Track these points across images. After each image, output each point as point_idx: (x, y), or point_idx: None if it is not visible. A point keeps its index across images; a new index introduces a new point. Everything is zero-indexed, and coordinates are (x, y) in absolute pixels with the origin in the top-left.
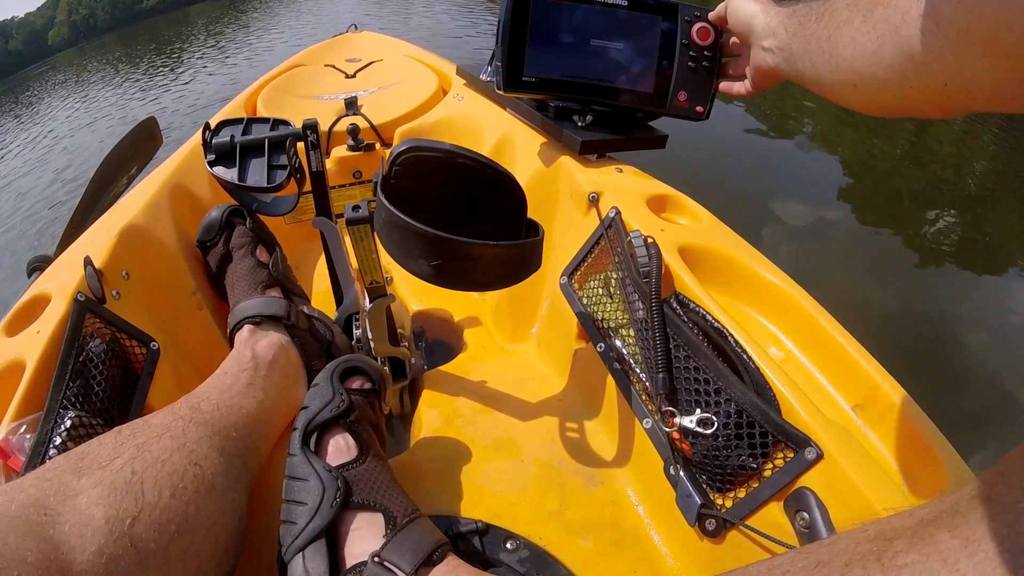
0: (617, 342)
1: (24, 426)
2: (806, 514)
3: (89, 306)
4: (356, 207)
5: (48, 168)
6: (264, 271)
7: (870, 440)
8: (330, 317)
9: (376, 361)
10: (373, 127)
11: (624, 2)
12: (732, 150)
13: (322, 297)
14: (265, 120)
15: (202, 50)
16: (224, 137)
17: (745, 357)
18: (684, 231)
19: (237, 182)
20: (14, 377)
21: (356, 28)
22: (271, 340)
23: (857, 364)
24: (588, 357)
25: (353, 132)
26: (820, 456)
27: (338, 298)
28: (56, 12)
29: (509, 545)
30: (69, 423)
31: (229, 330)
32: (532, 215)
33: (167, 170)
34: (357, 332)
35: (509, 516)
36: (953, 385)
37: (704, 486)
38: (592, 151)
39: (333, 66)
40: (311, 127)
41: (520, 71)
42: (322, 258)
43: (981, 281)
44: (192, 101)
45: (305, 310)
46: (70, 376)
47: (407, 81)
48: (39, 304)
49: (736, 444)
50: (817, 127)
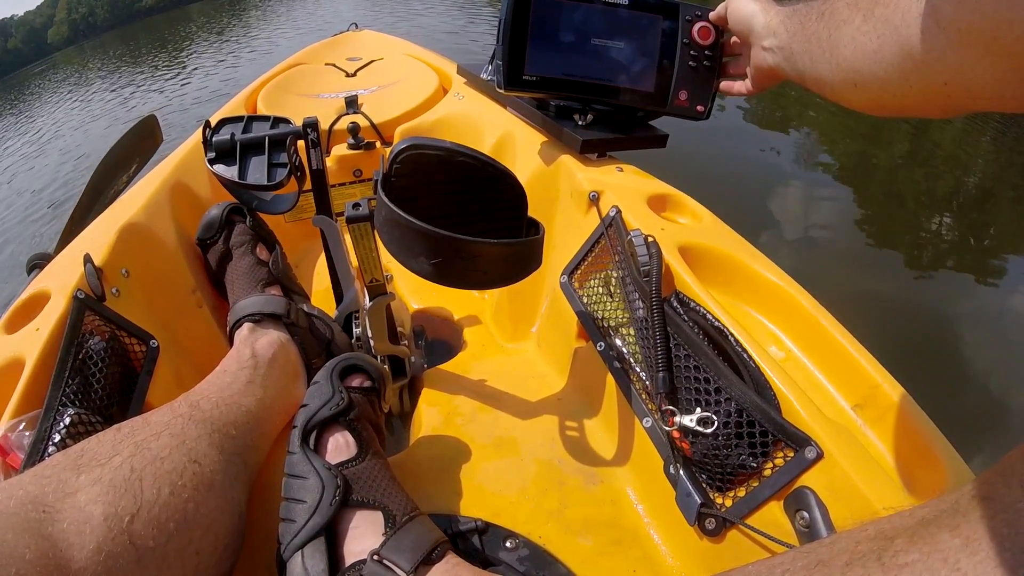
0: (617, 341)
1: (23, 423)
2: (806, 513)
3: (89, 304)
4: (356, 205)
5: (47, 165)
6: (264, 269)
7: (870, 439)
8: (330, 315)
9: (376, 359)
10: (373, 126)
11: (625, 1)
12: (732, 149)
13: (322, 295)
14: (266, 118)
15: (202, 48)
16: (224, 135)
17: (745, 356)
18: (684, 230)
19: (237, 180)
20: (13, 374)
21: (357, 27)
22: (271, 338)
23: (857, 363)
24: (588, 356)
25: (354, 131)
26: (820, 455)
27: (338, 296)
28: (55, 11)
29: (509, 544)
30: (68, 420)
31: (229, 328)
32: (532, 214)
33: (167, 168)
34: (357, 330)
35: (509, 515)
36: (953, 384)
37: (704, 485)
38: (593, 150)
39: (334, 64)
40: (311, 125)
41: (521, 70)
42: (322, 256)
43: (981, 280)
44: (192, 98)
45: (305, 308)
46: (69, 374)
47: (407, 80)
48: (39, 302)
49: (736, 443)
50: (817, 126)
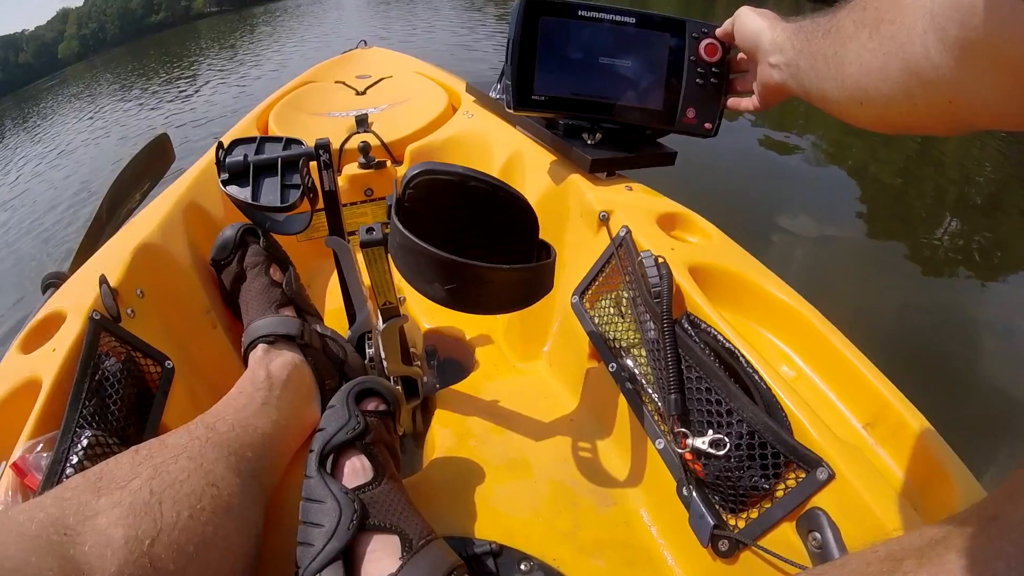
0: (629, 362)
1: (41, 444)
2: (818, 534)
3: (104, 325)
4: (370, 229)
5: (59, 181)
6: (278, 290)
7: (881, 459)
8: (343, 336)
9: (390, 382)
10: (384, 145)
11: (632, 19)
12: (739, 163)
13: (334, 315)
14: (278, 139)
15: (211, 64)
16: (237, 156)
17: (756, 377)
18: (694, 250)
19: (251, 201)
20: (30, 394)
21: (366, 44)
22: (285, 359)
23: (868, 382)
24: (600, 376)
25: (364, 150)
26: (832, 476)
27: (351, 316)
28: (66, 26)
29: (523, 566)
30: (86, 442)
31: (243, 349)
32: (543, 233)
33: (180, 188)
34: (370, 351)
35: (522, 536)
36: (965, 399)
37: (717, 506)
38: (602, 169)
39: (343, 83)
40: (324, 147)
41: (530, 90)
42: (334, 275)
43: (992, 290)
44: (202, 114)
45: (318, 329)
46: (86, 395)
47: (417, 98)
48: (54, 321)
49: (748, 465)
50: (824, 139)
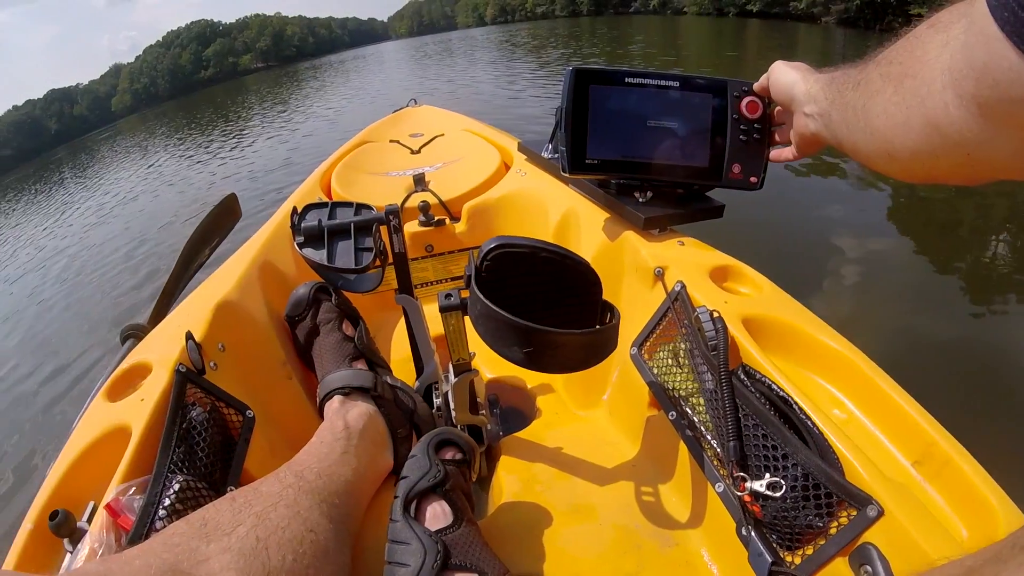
0: (687, 410)
1: (133, 488)
2: (869, 567)
3: (190, 377)
4: (448, 295)
5: (116, 231)
6: (350, 344)
7: (928, 494)
8: (411, 386)
9: (459, 430)
10: (442, 203)
11: (676, 83)
12: (783, 208)
13: (400, 364)
14: (348, 204)
15: (261, 117)
16: (312, 221)
17: (809, 423)
18: (747, 302)
19: (326, 264)
20: (118, 441)
21: (416, 102)
22: (360, 410)
23: (915, 421)
24: (660, 424)
25: (424, 209)
26: (881, 513)
27: (418, 367)
28: (119, 80)
29: None
30: (177, 486)
31: (319, 400)
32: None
33: (254, 247)
34: (437, 400)
35: None
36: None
37: (774, 545)
38: (655, 226)
39: (398, 141)
40: (394, 212)
41: (583, 154)
42: (399, 326)
43: None
44: (256, 167)
45: (389, 380)
46: (176, 442)
47: (470, 156)
48: (138, 372)
49: (803, 505)
50: (863, 172)
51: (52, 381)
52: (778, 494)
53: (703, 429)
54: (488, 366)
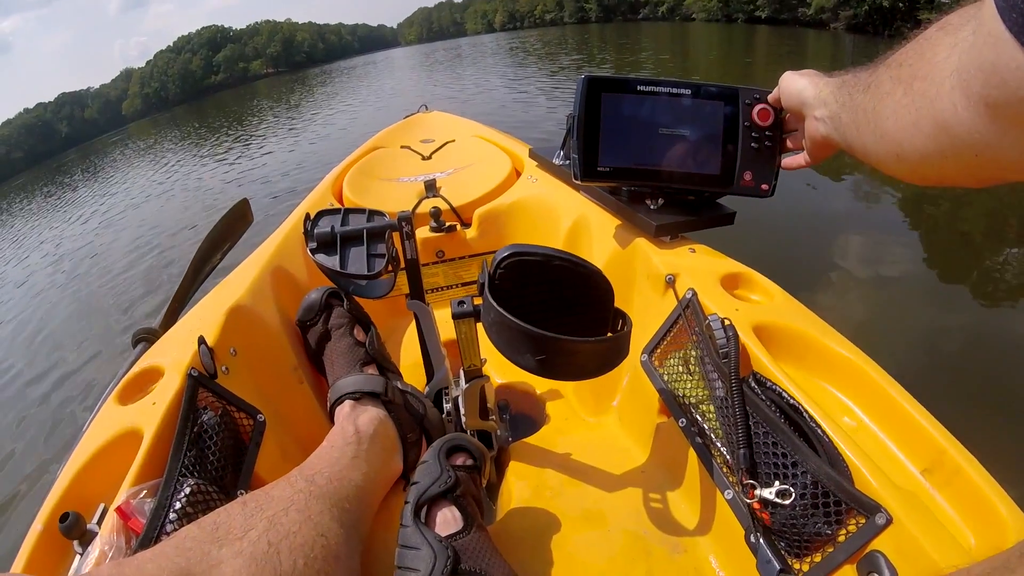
0: (697, 417)
1: (144, 491)
2: (877, 575)
3: (202, 381)
4: (461, 303)
5: (126, 234)
6: (361, 350)
7: (938, 503)
8: (421, 391)
9: (469, 435)
10: (453, 209)
11: (688, 91)
12: (794, 214)
13: (410, 369)
14: (361, 211)
15: (272, 122)
16: (324, 227)
17: (819, 431)
18: (758, 309)
19: (339, 270)
20: (130, 443)
21: (427, 108)
22: (371, 415)
23: (924, 430)
24: (670, 431)
25: (435, 215)
26: (889, 521)
27: (428, 372)
28: (129, 84)
29: None
30: (188, 490)
31: (330, 404)
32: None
33: (266, 253)
34: (447, 406)
35: None
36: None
37: (783, 552)
38: (666, 234)
39: (409, 147)
40: (406, 219)
41: (595, 162)
42: (409, 331)
43: None
44: (268, 172)
45: (399, 385)
46: (187, 446)
47: (481, 162)
48: (150, 376)
49: (812, 512)
50: (874, 179)
51: (63, 383)
52: (787, 502)
53: (713, 436)
54: (498, 371)
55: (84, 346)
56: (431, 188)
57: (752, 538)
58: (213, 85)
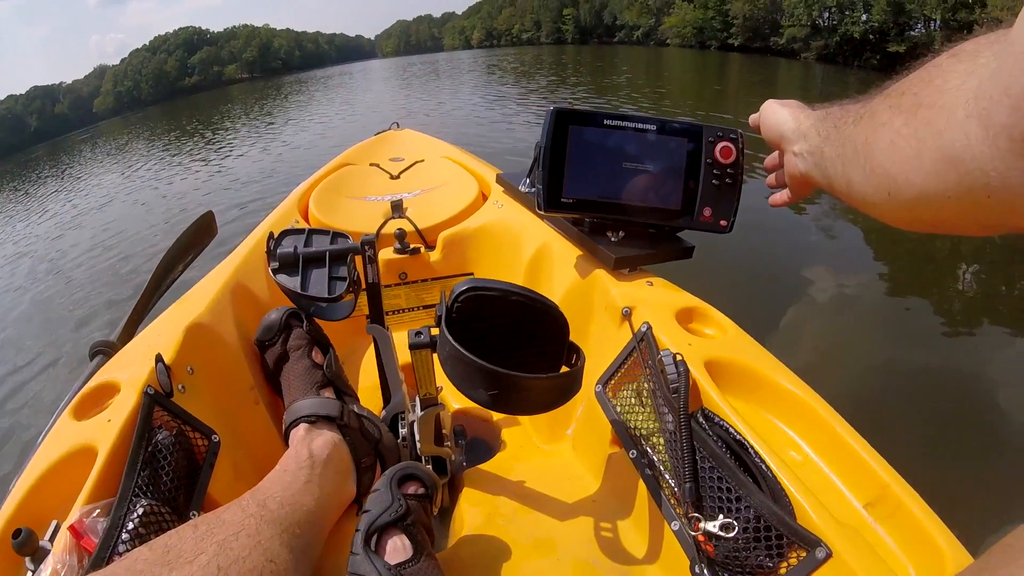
0: (648, 449)
1: (97, 510)
2: None
3: (158, 400)
4: (418, 333)
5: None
6: (319, 372)
7: (880, 536)
8: (377, 415)
9: (422, 461)
10: (418, 231)
11: (653, 127)
12: (753, 244)
13: (368, 392)
14: (325, 232)
15: (244, 129)
16: (287, 248)
17: (763, 467)
18: (710, 344)
19: (300, 291)
20: (83, 460)
21: (398, 126)
22: (325, 439)
23: (868, 465)
24: (621, 461)
25: (400, 236)
26: (829, 555)
27: (385, 396)
28: (102, 82)
29: None
30: (141, 511)
31: (285, 426)
32: (569, 323)
33: (228, 269)
34: (403, 431)
35: None
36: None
37: None
38: (625, 266)
39: (378, 165)
40: (369, 243)
41: (559, 193)
42: (368, 353)
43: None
44: (235, 179)
45: (355, 409)
46: (141, 466)
47: (449, 185)
48: (107, 391)
49: (755, 546)
50: (833, 210)
51: (16, 393)
52: (731, 535)
53: (662, 468)
54: (455, 397)
55: (40, 355)
56: (398, 209)
57: (697, 569)
58: (186, 87)
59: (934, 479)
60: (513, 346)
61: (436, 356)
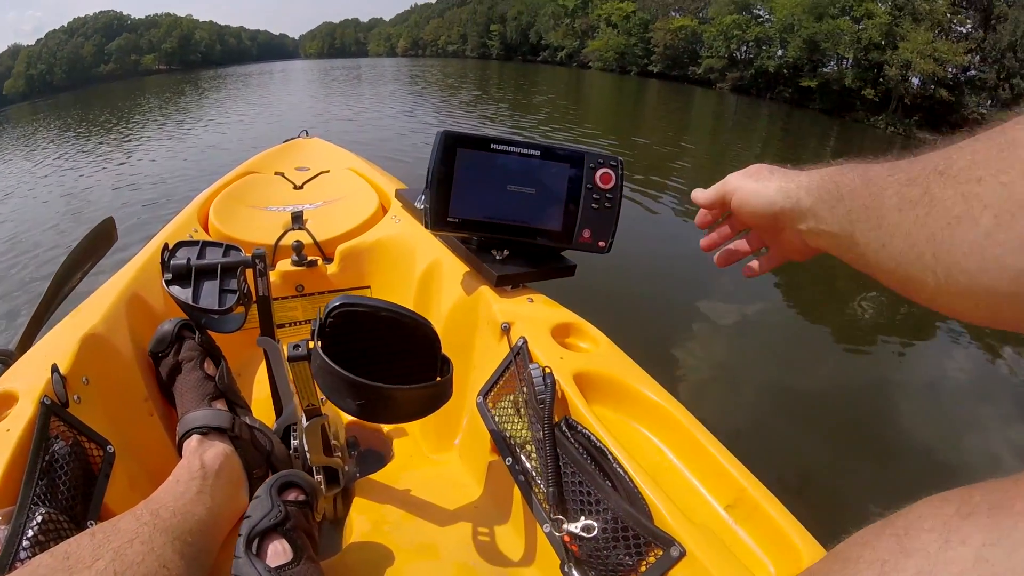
0: (522, 456)
1: None
2: None
3: (54, 410)
4: (297, 346)
5: None
6: (211, 384)
7: (738, 536)
8: (270, 427)
9: (310, 474)
10: (316, 244)
11: (537, 152)
12: (635, 264)
13: (262, 403)
14: (219, 245)
15: (154, 123)
16: (181, 259)
17: (621, 471)
18: (581, 358)
19: (191, 303)
20: None
21: (307, 134)
22: (217, 451)
23: (726, 470)
24: (499, 469)
25: (298, 248)
26: (683, 554)
27: (278, 409)
28: (15, 63)
29: None
30: (40, 519)
31: (178, 438)
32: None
33: (124, 279)
34: (295, 442)
35: None
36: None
37: None
38: (507, 283)
39: (283, 174)
40: (260, 257)
41: (445, 212)
42: (262, 366)
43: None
44: (140, 177)
45: (248, 421)
46: (39, 475)
47: (350, 197)
48: (5, 402)
49: (614, 545)
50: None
51: None
52: (591, 535)
53: (534, 474)
54: None
55: None
56: (297, 220)
57: (566, 568)
58: (101, 75)
59: (799, 484)
60: (388, 359)
61: None
